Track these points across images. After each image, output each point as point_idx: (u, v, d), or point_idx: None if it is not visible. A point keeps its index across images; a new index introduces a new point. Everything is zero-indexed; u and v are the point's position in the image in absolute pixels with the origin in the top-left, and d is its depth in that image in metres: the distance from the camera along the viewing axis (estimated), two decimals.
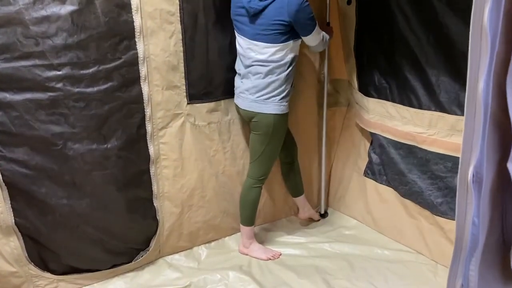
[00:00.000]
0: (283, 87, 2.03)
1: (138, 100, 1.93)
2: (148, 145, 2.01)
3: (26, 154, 1.72)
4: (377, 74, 2.27)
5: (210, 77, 2.15)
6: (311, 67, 2.53)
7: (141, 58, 1.89)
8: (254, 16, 1.94)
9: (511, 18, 0.76)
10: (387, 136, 2.25)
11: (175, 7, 1.93)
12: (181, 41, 2.00)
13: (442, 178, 2.01)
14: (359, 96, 2.39)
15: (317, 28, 1.98)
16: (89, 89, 1.77)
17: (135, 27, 1.84)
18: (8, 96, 1.64)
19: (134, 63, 1.88)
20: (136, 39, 1.86)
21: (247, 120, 2.15)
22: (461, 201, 1.03)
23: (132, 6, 1.81)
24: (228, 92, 2.21)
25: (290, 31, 1.94)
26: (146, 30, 1.88)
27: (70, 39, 1.70)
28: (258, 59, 2.00)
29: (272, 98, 2.03)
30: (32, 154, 1.73)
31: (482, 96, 0.84)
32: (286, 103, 2.08)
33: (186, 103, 2.10)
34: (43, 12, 1.62)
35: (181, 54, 2.02)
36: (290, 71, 2.03)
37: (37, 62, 1.65)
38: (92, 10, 1.72)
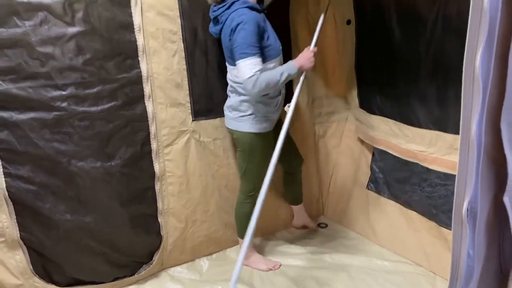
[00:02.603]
0: (255, 106, 1.99)
1: (143, 118, 1.96)
2: (153, 162, 2.04)
3: (31, 171, 1.76)
4: (378, 92, 2.28)
5: (213, 94, 2.17)
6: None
7: (145, 77, 1.92)
8: (219, 40, 1.99)
9: (503, 62, 0.77)
10: (391, 153, 2.26)
11: (177, 26, 1.96)
12: (184, 59, 2.02)
13: (443, 185, 2.01)
14: (361, 113, 2.40)
15: (249, 60, 1.76)
16: (93, 108, 1.80)
17: (138, 46, 1.87)
18: (14, 115, 1.68)
19: (138, 81, 1.91)
20: (139, 58, 1.89)
21: (231, 134, 2.18)
22: (456, 234, 1.04)
23: (134, 26, 1.84)
24: None
25: None
26: (149, 49, 1.91)
27: (75, 60, 1.73)
28: (232, 80, 2.01)
29: (247, 117, 2.00)
30: (37, 171, 1.77)
31: (475, 136, 0.85)
32: (265, 123, 2.03)
33: (191, 120, 2.12)
34: (49, 34, 1.66)
35: (185, 72, 2.04)
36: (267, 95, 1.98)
37: (43, 82, 1.69)
38: (96, 31, 1.76)
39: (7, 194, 1.74)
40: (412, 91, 2.06)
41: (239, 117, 2.02)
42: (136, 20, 1.85)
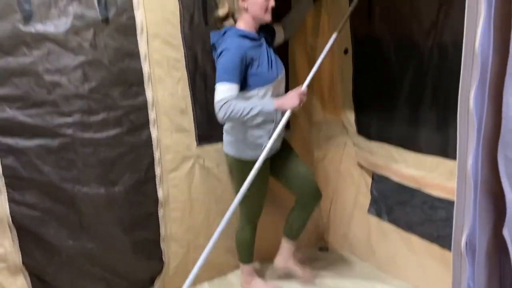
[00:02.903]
0: (242, 132, 1.98)
1: (147, 144, 1.98)
2: (157, 188, 2.05)
3: (35, 197, 1.78)
4: (377, 118, 2.31)
5: (214, 118, 2.15)
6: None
7: (150, 104, 1.95)
8: None
9: (496, 100, 0.79)
10: (392, 179, 2.26)
11: (180, 54, 2.00)
12: (188, 85, 2.06)
13: (444, 207, 2.01)
14: (360, 139, 2.43)
15: (223, 85, 1.78)
16: (98, 135, 1.83)
17: (143, 74, 1.91)
18: (19, 142, 1.70)
19: (143, 108, 1.94)
20: (145, 86, 1.92)
21: None
22: (456, 266, 1.04)
23: (140, 55, 1.88)
24: None
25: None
26: (154, 77, 1.94)
27: (81, 88, 1.77)
28: None
29: (234, 141, 2.02)
30: (41, 197, 1.79)
31: (471, 170, 0.86)
32: (250, 151, 1.99)
33: (195, 145, 2.14)
34: (56, 63, 1.70)
35: (189, 98, 2.07)
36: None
37: (49, 109, 1.72)
38: (103, 59, 1.80)
39: (11, 220, 1.75)
40: (411, 117, 2.08)
41: (228, 140, 2.06)
42: (142, 48, 1.89)
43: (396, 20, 2.06)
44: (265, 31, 2.03)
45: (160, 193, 2.05)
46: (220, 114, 1.79)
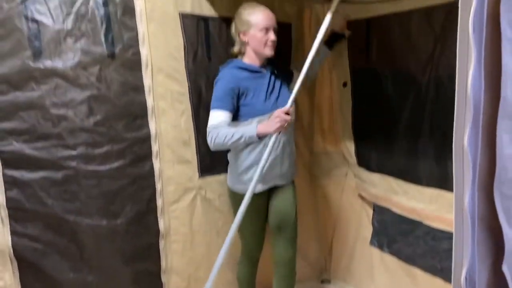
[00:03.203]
0: (234, 163, 2.04)
1: (149, 175, 2.00)
2: (158, 220, 2.05)
3: (37, 229, 1.78)
4: (377, 150, 2.33)
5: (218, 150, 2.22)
6: (301, 136, 2.61)
7: (153, 136, 1.98)
8: None
9: (489, 140, 0.82)
10: (393, 210, 2.27)
11: (184, 88, 2.05)
12: (191, 117, 2.10)
13: (446, 238, 2.00)
14: (361, 171, 2.45)
15: (214, 112, 1.87)
16: (102, 167, 1.85)
17: (147, 107, 1.95)
18: (24, 174, 1.72)
19: (146, 140, 1.97)
20: (149, 118, 1.96)
21: None
22: None
23: (145, 88, 1.93)
24: None
25: None
26: (158, 110, 1.99)
27: (86, 121, 1.80)
28: None
29: (229, 169, 2.10)
30: (43, 229, 1.79)
31: (468, 206, 0.87)
32: (238, 183, 2.03)
33: (197, 176, 2.16)
34: (63, 97, 1.74)
35: (192, 130, 2.11)
36: (240, 149, 1.98)
37: (54, 142, 1.75)
38: (108, 93, 1.84)
39: (12, 252, 1.75)
40: (410, 149, 2.11)
41: (228, 171, 2.12)
42: (147, 82, 1.94)
43: (393, 54, 2.12)
44: (275, 65, 2.05)
45: (161, 225, 2.06)
46: (208, 140, 1.86)
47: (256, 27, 1.90)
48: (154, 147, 1.99)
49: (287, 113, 1.79)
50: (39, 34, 1.68)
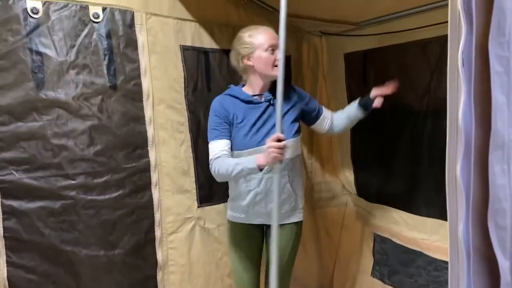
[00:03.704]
0: (234, 189, 1.96)
1: (148, 205, 1.99)
2: (156, 251, 2.03)
3: (34, 260, 1.76)
4: (376, 181, 2.34)
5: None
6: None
7: (153, 165, 1.99)
8: None
9: (481, 170, 0.82)
10: (394, 241, 2.25)
11: (184, 118, 2.08)
12: (191, 147, 2.11)
13: (447, 268, 1.96)
14: (361, 201, 2.44)
15: (210, 144, 1.84)
16: (101, 197, 1.85)
17: (148, 137, 1.97)
18: (23, 204, 1.72)
19: (146, 170, 1.97)
20: (149, 148, 1.98)
21: None
22: None
23: (145, 119, 1.96)
24: None
25: None
26: (158, 139, 2.01)
27: (87, 151, 1.82)
28: None
29: (228, 198, 2.04)
30: (40, 260, 1.77)
31: (462, 237, 0.87)
32: (231, 211, 1.99)
33: (196, 206, 2.15)
34: (64, 128, 1.76)
35: (191, 159, 2.12)
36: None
37: (54, 172, 1.76)
38: (109, 124, 1.86)
39: (7, 283, 1.72)
40: (409, 179, 2.11)
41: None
42: (147, 113, 1.97)
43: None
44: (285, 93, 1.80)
45: (159, 256, 2.03)
46: (211, 171, 1.81)
47: (261, 48, 1.78)
48: (154, 177, 2.00)
49: (279, 140, 1.58)
50: (43, 65, 1.71)
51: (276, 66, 1.76)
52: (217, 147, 1.81)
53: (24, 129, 1.70)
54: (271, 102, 1.85)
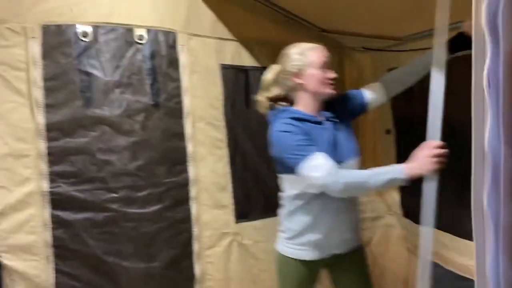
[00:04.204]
0: (286, 225, 1.75)
1: (186, 219, 2.04)
2: (194, 265, 2.06)
3: (78, 268, 1.85)
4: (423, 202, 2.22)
5: (252, 196, 2.24)
6: None
7: (192, 180, 2.04)
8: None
9: (511, 195, 0.76)
10: (443, 266, 2.12)
11: (222, 135, 2.12)
12: (228, 163, 2.15)
13: None
14: (407, 223, 2.33)
15: (309, 162, 1.51)
16: (141, 210, 1.92)
17: (187, 153, 2.03)
18: (70, 215, 1.83)
19: (184, 184, 2.03)
20: (188, 164, 2.03)
21: None
22: None
23: (185, 135, 2.02)
24: (270, 210, 2.25)
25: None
26: (197, 155, 2.06)
27: (129, 165, 1.90)
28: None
29: (280, 233, 1.80)
30: (83, 268, 1.85)
31: (491, 271, 0.81)
32: (294, 247, 1.73)
33: (234, 222, 2.17)
34: (109, 143, 1.86)
35: (229, 175, 2.15)
36: (294, 209, 1.71)
37: (98, 185, 1.85)
38: (151, 140, 1.94)
39: None
40: (459, 202, 1.98)
41: (279, 233, 1.82)
42: (188, 129, 2.03)
43: None
44: (333, 110, 1.74)
45: (196, 270, 2.06)
46: (331, 184, 1.51)
47: (313, 66, 1.64)
48: (192, 192, 2.05)
49: (438, 147, 1.46)
50: (91, 85, 1.83)
51: (330, 84, 1.66)
52: (324, 159, 1.53)
53: (73, 144, 1.81)
54: (332, 120, 1.72)
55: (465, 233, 1.97)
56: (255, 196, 2.25)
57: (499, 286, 0.79)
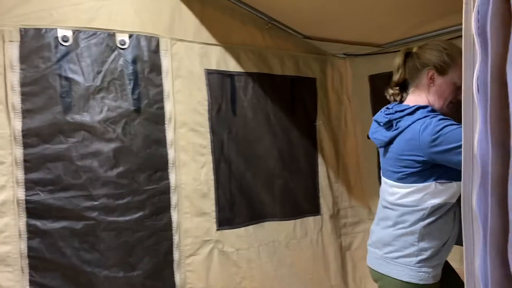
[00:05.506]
0: (419, 244, 1.41)
1: (167, 227, 2.00)
2: (174, 273, 2.02)
3: (55, 279, 1.78)
4: None
5: (235, 203, 2.22)
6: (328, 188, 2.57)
7: (173, 187, 2.01)
8: (383, 147, 1.56)
9: (500, 195, 0.78)
10: None
11: (206, 141, 2.10)
12: (212, 170, 2.12)
13: None
14: None
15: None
16: (121, 218, 1.88)
17: (169, 159, 2.00)
18: (47, 223, 1.76)
19: (166, 192, 1.99)
20: (169, 170, 2.00)
21: (375, 281, 1.59)
22: None
23: (167, 142, 1.99)
24: (253, 218, 2.26)
25: (428, 169, 1.37)
26: (179, 162, 2.03)
27: (109, 172, 1.86)
28: (388, 201, 1.53)
29: (404, 259, 1.43)
30: (61, 280, 1.79)
31: (480, 272, 0.82)
32: (431, 271, 1.41)
33: (215, 229, 2.14)
34: (89, 149, 1.82)
35: (212, 182, 2.13)
36: (431, 222, 1.40)
37: (77, 193, 1.80)
38: (132, 146, 1.91)
39: None
40: None
41: (394, 258, 1.47)
42: (169, 136, 2.00)
43: None
44: None
45: (177, 278, 2.03)
46: None
47: (452, 78, 1.43)
48: (173, 199, 2.01)
49: None
50: (70, 90, 1.78)
51: (451, 102, 1.46)
52: None
53: (51, 151, 1.76)
54: None
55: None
56: (239, 203, 2.23)
57: (488, 286, 0.80)
